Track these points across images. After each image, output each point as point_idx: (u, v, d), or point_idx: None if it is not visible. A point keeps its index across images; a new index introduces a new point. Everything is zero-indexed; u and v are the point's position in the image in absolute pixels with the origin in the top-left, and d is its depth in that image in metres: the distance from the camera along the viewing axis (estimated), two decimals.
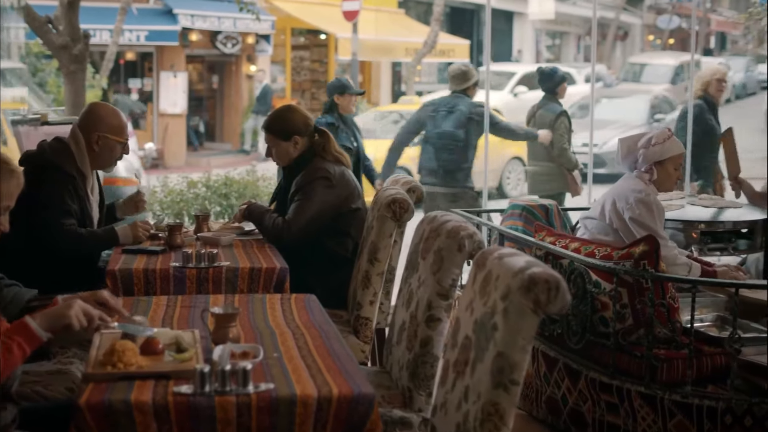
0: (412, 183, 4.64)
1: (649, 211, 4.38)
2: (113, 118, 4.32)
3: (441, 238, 3.15)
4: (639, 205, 4.38)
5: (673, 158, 4.50)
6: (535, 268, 2.39)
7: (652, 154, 4.47)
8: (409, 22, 23.46)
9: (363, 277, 4.09)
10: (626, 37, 36.76)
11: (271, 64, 20.93)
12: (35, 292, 3.11)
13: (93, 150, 4.26)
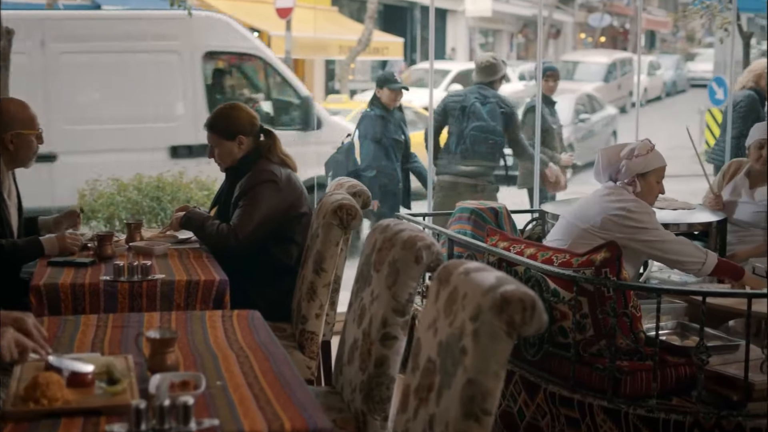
0: (358, 187, 4.40)
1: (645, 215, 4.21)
2: (21, 111, 4.02)
3: (396, 248, 2.92)
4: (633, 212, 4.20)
5: (656, 171, 4.34)
6: (508, 286, 2.17)
7: (635, 166, 4.30)
8: (343, 19, 23.20)
9: (308, 289, 3.83)
10: (558, 35, 36.89)
11: None
12: None
13: (8, 150, 3.96)
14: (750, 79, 7.74)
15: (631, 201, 4.24)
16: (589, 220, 4.31)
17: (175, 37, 8.24)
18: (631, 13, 37.85)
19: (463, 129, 7.09)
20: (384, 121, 7.06)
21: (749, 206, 5.32)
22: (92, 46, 8.01)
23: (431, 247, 2.84)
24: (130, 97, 7.82)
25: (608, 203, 4.28)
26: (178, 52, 8.28)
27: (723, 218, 5.04)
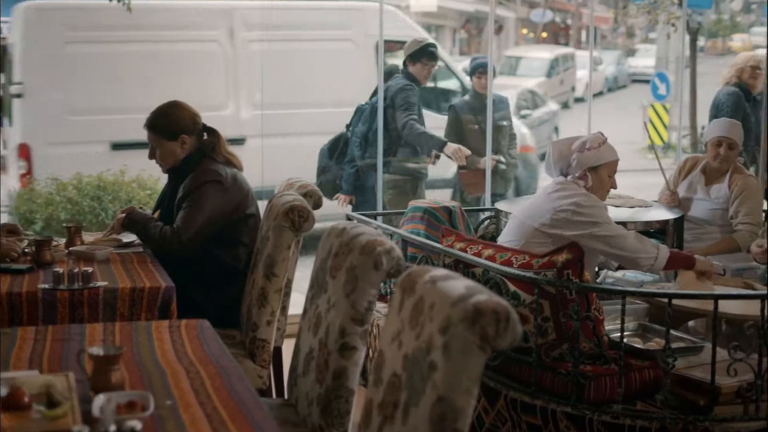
0: (309, 187, 4.24)
1: (594, 211, 4.08)
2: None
3: (354, 254, 2.76)
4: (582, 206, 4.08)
5: (608, 164, 4.22)
6: (480, 296, 2.03)
7: (586, 159, 4.18)
8: None
9: (259, 295, 3.66)
10: (501, 31, 36.93)
11: None
12: None
13: None
14: (733, 74, 7.66)
15: (581, 195, 4.12)
16: (540, 217, 4.19)
17: (349, 27, 8.72)
18: (572, 9, 38.02)
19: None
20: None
21: (705, 203, 5.25)
22: (276, 35, 8.48)
23: (391, 252, 2.69)
24: (311, 84, 8.23)
25: (558, 199, 4.16)
26: (353, 40, 8.71)
27: (680, 216, 4.96)
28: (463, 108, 7.41)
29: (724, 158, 5.19)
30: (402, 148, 6.76)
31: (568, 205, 4.09)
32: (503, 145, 7.41)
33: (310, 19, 8.76)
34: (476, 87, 7.36)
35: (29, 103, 7.72)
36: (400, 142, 6.73)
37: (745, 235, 5.10)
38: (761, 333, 3.40)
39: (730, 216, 5.18)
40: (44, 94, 7.20)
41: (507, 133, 7.49)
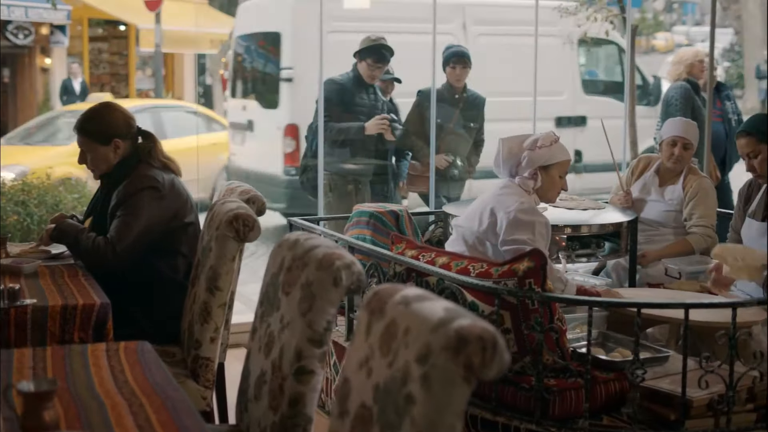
0: (251, 192, 4.00)
1: (527, 221, 3.91)
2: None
3: (310, 268, 2.53)
4: (519, 213, 3.90)
5: (560, 164, 4.06)
6: (462, 320, 1.82)
7: (537, 158, 4.01)
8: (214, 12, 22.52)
9: (201, 310, 3.41)
10: None
11: (68, 57, 19.61)
12: None
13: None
14: (682, 70, 7.59)
15: (518, 203, 3.94)
16: (482, 222, 4.02)
17: (555, 24, 9.60)
18: None
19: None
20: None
21: (659, 205, 5.11)
22: (499, 30, 9.83)
23: (351, 266, 2.47)
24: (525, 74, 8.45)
25: (498, 203, 3.99)
26: (559, 36, 9.81)
27: (634, 218, 4.81)
28: (428, 95, 6.88)
29: (679, 158, 5.06)
30: (339, 149, 6.51)
31: (506, 213, 3.92)
32: (462, 149, 7.06)
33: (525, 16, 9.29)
34: (449, 78, 6.99)
35: (297, 87, 8.99)
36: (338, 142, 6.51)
37: (699, 237, 4.97)
38: (732, 343, 3.25)
39: (684, 218, 5.05)
40: (311, 78, 7.55)
41: (472, 136, 7.12)
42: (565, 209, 4.74)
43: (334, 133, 6.42)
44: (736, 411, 3.31)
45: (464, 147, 7.06)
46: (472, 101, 7.08)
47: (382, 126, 6.45)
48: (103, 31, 21.54)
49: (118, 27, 20.99)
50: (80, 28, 20.41)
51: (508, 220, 3.92)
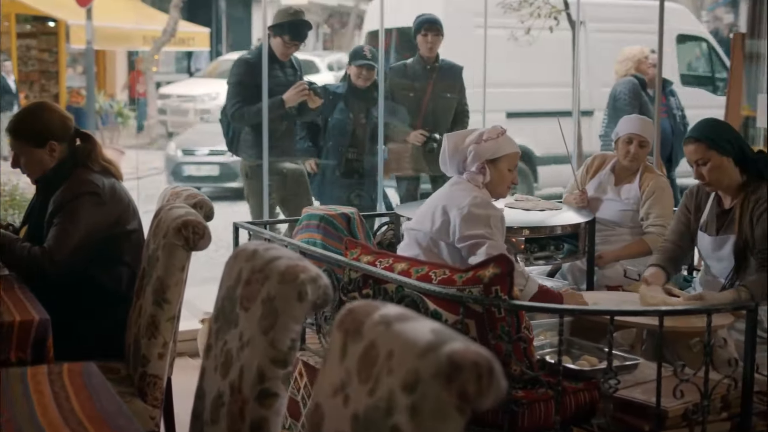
0: (198, 197, 3.78)
1: (482, 214, 3.76)
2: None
3: (271, 282, 2.34)
4: (472, 207, 3.75)
5: (507, 157, 3.91)
6: (453, 344, 1.64)
7: (483, 151, 3.86)
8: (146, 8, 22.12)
9: (148, 324, 3.19)
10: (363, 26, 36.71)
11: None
12: None
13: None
14: (630, 66, 7.54)
15: (471, 197, 3.80)
16: (434, 222, 3.87)
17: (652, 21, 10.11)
18: None
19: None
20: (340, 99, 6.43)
21: (615, 204, 4.99)
22: (610, 27, 10.59)
23: (317, 280, 2.28)
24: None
25: (449, 201, 3.85)
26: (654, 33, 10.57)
27: (592, 218, 4.68)
28: (399, 71, 6.67)
29: (635, 156, 4.94)
30: (274, 146, 6.00)
31: (458, 210, 3.77)
32: (443, 122, 6.54)
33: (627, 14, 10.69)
34: (420, 48, 6.52)
35: None
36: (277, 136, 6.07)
37: (656, 237, 4.86)
38: (708, 350, 3.12)
39: (640, 217, 4.94)
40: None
41: (452, 108, 6.61)
42: (522, 210, 4.59)
43: (252, 116, 5.95)
44: (710, 420, 3.19)
45: (444, 120, 6.56)
46: (447, 71, 6.62)
47: (303, 93, 5.98)
48: (32, 27, 21.02)
49: (47, 23, 20.50)
50: (7, 24, 19.89)
51: (461, 216, 3.77)
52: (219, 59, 22.67)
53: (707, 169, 4.03)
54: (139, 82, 20.06)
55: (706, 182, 4.09)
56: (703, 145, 4.04)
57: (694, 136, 4.10)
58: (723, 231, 4.10)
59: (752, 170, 4.04)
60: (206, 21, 24.50)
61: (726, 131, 4.12)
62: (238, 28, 26.72)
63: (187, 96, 18.32)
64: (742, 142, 4.12)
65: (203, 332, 5.35)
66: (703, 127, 4.14)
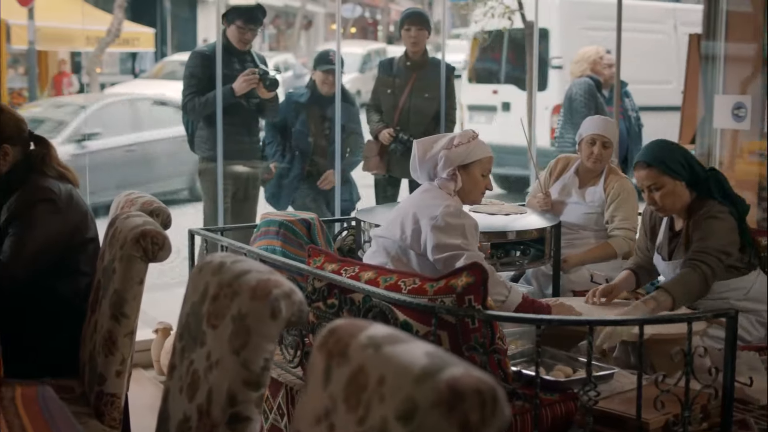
0: (155, 204, 3.61)
1: (456, 224, 3.63)
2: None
3: (241, 298, 2.19)
4: (446, 217, 3.62)
5: (480, 162, 3.79)
6: (452, 369, 1.51)
7: (455, 156, 3.73)
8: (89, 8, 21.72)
9: (105, 340, 3.02)
10: (311, 26, 36.56)
11: None
12: None
13: None
14: (586, 67, 7.47)
15: (444, 206, 3.67)
16: (404, 231, 3.74)
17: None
18: (380, 4, 38.01)
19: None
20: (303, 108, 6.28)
21: (579, 207, 4.90)
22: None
23: (292, 295, 2.14)
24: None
25: (420, 209, 3.72)
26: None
27: (558, 222, 4.58)
28: (386, 66, 6.44)
29: (598, 158, 4.85)
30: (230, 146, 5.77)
31: (429, 220, 3.64)
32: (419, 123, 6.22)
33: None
34: (405, 43, 6.27)
35: (564, 72, 10.41)
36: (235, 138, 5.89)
37: (621, 240, 4.79)
38: (689, 359, 3.03)
39: (605, 220, 4.85)
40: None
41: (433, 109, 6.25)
42: (487, 214, 4.48)
43: (202, 107, 5.74)
44: (691, 431, 3.10)
45: (419, 121, 6.25)
46: (432, 69, 6.27)
47: (251, 81, 5.73)
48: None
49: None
50: None
51: (435, 225, 3.64)
52: (164, 60, 22.40)
53: (660, 195, 3.91)
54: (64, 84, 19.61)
55: (658, 208, 3.98)
56: (656, 170, 3.91)
57: (646, 160, 3.94)
58: (674, 255, 4.00)
59: (703, 191, 3.94)
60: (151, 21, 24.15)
61: (677, 153, 3.96)
62: (184, 29, 26.42)
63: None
64: (693, 162, 3.96)
65: (157, 343, 5.18)
66: (655, 150, 3.97)
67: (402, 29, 6.27)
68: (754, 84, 6.46)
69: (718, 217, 3.85)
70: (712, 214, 3.85)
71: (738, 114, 6.52)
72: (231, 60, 5.77)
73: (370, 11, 38.22)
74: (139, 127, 12.55)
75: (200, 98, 5.72)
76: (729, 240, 3.84)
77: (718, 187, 3.94)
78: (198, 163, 6.01)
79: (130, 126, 12.50)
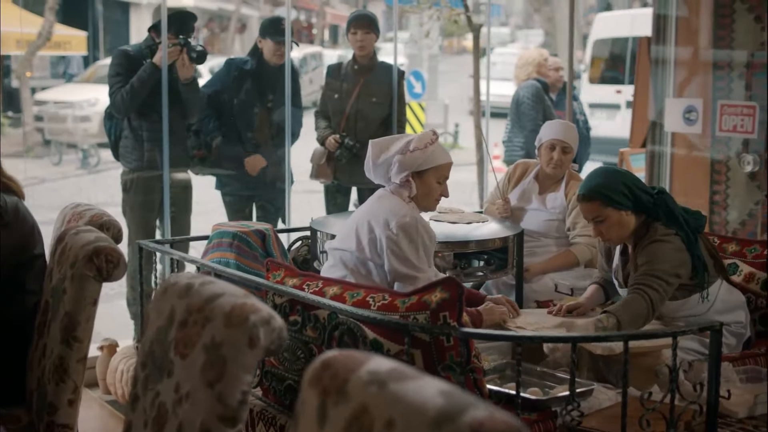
0: (105, 217, 3.38)
1: (411, 240, 3.48)
2: None
3: (215, 325, 2.01)
4: (400, 231, 3.46)
5: (437, 168, 3.62)
6: (474, 411, 1.35)
7: (410, 162, 3.56)
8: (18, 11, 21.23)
9: (56, 367, 2.80)
10: (245, 30, 36.23)
11: None
12: None
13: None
14: (532, 70, 7.39)
15: (398, 217, 3.51)
16: (361, 241, 3.57)
17: None
18: (315, 8, 37.78)
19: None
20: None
21: (540, 213, 4.77)
22: None
23: (270, 321, 1.96)
24: None
25: (374, 217, 3.55)
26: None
27: (521, 230, 4.44)
28: (334, 70, 6.19)
29: (558, 163, 4.72)
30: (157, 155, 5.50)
31: (385, 230, 3.48)
32: (367, 129, 6.01)
33: None
34: (351, 46, 6.07)
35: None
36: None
37: (584, 248, 4.67)
38: (674, 376, 2.90)
39: (567, 228, 4.73)
40: None
41: (381, 114, 6.09)
42: (449, 223, 4.33)
43: (129, 95, 5.39)
44: None
45: (367, 126, 6.04)
46: (380, 74, 6.10)
47: (173, 52, 5.39)
48: None
49: None
50: None
51: (388, 241, 3.47)
52: (97, 64, 21.97)
53: (606, 226, 3.80)
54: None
55: (605, 239, 3.88)
56: (598, 203, 3.79)
57: (587, 194, 3.82)
58: (629, 281, 3.88)
59: (650, 215, 3.82)
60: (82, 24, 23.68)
61: (619, 183, 3.81)
62: (116, 32, 25.94)
63: (65, 102, 17.62)
64: (636, 188, 3.81)
65: (103, 360, 4.94)
66: (595, 182, 3.83)
67: (348, 32, 6.10)
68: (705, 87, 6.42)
69: (663, 240, 3.74)
70: (657, 238, 3.74)
71: (689, 117, 6.47)
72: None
73: (305, 14, 37.97)
74: None
75: (125, 87, 5.41)
76: (677, 261, 3.72)
77: (665, 210, 3.82)
78: (122, 174, 5.65)
79: None
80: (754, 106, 5.90)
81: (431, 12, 8.62)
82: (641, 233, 3.82)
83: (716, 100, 6.32)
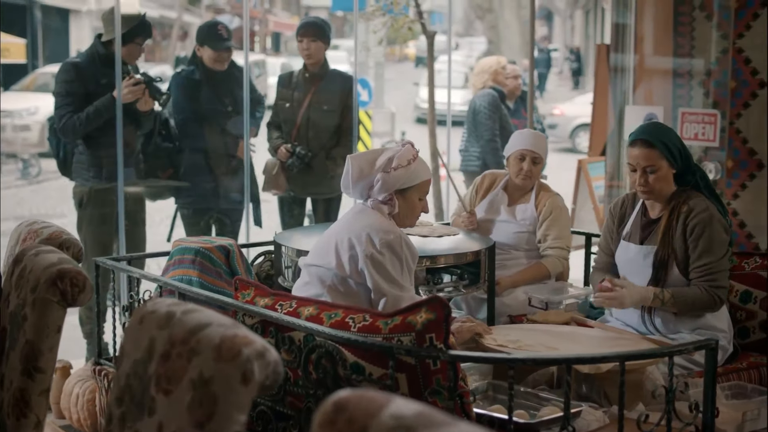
0: (63, 236, 3.19)
1: (396, 257, 3.32)
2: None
3: (203, 358, 1.83)
4: (385, 248, 3.31)
5: (420, 186, 3.48)
6: None
7: (393, 181, 3.40)
8: None
9: (16, 399, 2.59)
10: (186, 37, 35.86)
11: None
12: None
13: None
14: (488, 78, 7.29)
15: (381, 234, 3.36)
16: (340, 257, 3.40)
17: None
18: (258, 15, 37.52)
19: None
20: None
21: (510, 225, 4.64)
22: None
23: (265, 354, 1.79)
24: None
25: (354, 234, 3.39)
26: None
27: (493, 244, 4.31)
28: (285, 79, 6.11)
29: (528, 174, 4.59)
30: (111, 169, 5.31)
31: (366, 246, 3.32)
32: (320, 138, 5.96)
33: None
34: (302, 57, 5.99)
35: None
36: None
37: (555, 260, 4.56)
38: (670, 397, 2.78)
39: (537, 240, 4.61)
40: None
41: (333, 122, 5.98)
42: (420, 237, 4.19)
43: (83, 125, 5.21)
44: None
45: (319, 135, 5.99)
46: (330, 82, 6.03)
47: (136, 91, 5.24)
48: None
49: None
50: None
51: (369, 260, 3.31)
52: (37, 71, 21.55)
53: (654, 177, 3.73)
54: None
55: (646, 190, 3.76)
56: (657, 151, 3.72)
57: (648, 139, 3.72)
58: (648, 241, 3.81)
59: (689, 182, 3.76)
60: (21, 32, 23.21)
61: (677, 139, 3.81)
62: (56, 40, 25.48)
63: (4, 111, 17.19)
64: (688, 152, 3.81)
65: (56, 383, 4.69)
66: (656, 131, 3.77)
67: (297, 41, 6.02)
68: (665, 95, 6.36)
69: (714, 217, 3.71)
70: (710, 214, 3.70)
71: None
72: (110, 72, 5.25)
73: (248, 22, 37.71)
74: None
75: (80, 115, 5.22)
76: (727, 240, 3.75)
77: (705, 182, 3.82)
78: (76, 190, 5.42)
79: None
80: (715, 114, 5.85)
81: (385, 19, 8.47)
82: (678, 198, 3.78)
83: (677, 108, 6.26)
